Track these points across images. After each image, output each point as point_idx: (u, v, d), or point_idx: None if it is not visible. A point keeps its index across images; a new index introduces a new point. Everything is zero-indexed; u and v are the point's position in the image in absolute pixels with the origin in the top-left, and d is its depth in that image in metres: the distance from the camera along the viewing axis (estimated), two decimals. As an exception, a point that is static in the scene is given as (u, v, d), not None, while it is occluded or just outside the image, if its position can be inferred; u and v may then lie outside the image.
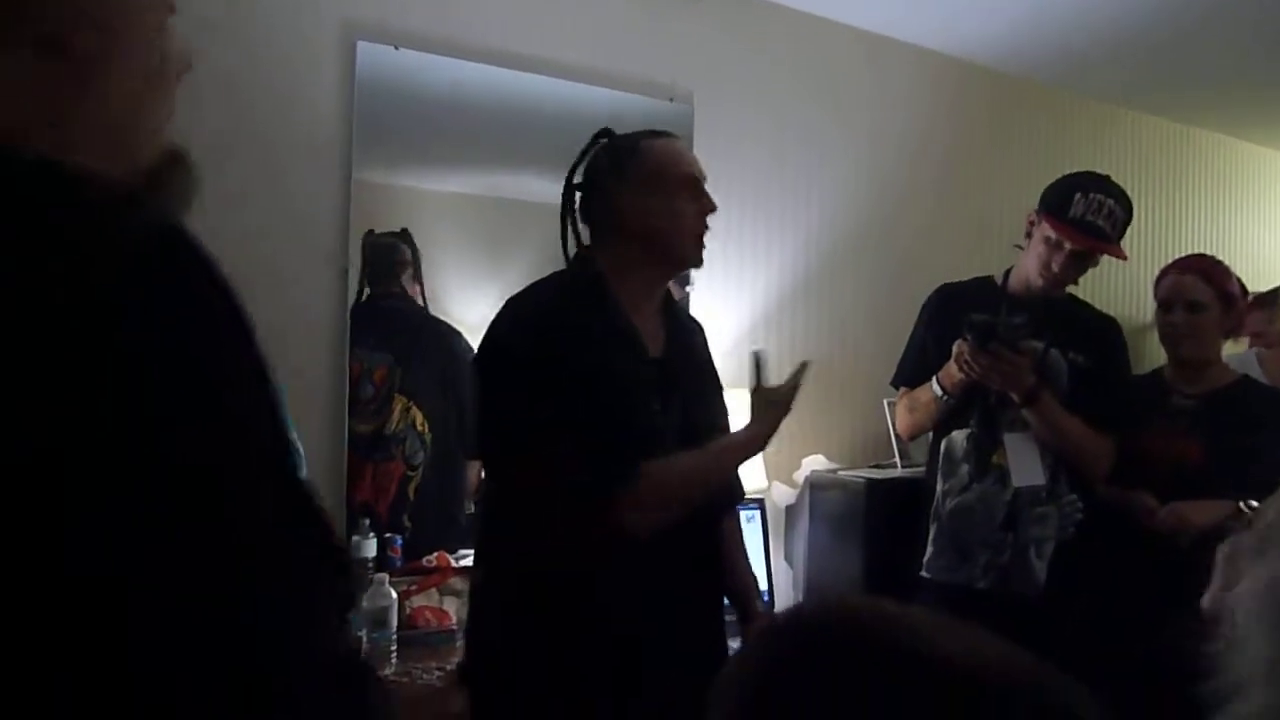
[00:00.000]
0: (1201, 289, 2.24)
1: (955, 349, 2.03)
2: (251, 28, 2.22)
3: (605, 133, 1.58)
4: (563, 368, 1.40)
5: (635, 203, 1.50)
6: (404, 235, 2.41)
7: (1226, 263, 2.33)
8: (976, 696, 0.50)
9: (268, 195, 2.24)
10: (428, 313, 2.44)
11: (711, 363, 1.72)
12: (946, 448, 2.21)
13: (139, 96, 0.74)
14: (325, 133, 2.31)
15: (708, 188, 1.57)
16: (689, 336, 1.66)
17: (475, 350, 1.55)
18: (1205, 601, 1.02)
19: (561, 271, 1.55)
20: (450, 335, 2.44)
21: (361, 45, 2.33)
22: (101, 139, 0.71)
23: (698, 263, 1.57)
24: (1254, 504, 1.02)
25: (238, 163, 2.20)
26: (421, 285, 2.43)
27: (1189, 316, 2.24)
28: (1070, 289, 2.22)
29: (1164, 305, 2.30)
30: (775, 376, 1.71)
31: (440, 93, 2.45)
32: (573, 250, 1.54)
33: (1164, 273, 2.34)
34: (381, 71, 2.36)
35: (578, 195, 1.56)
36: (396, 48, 2.38)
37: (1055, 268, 2.10)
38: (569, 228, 1.54)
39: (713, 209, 1.55)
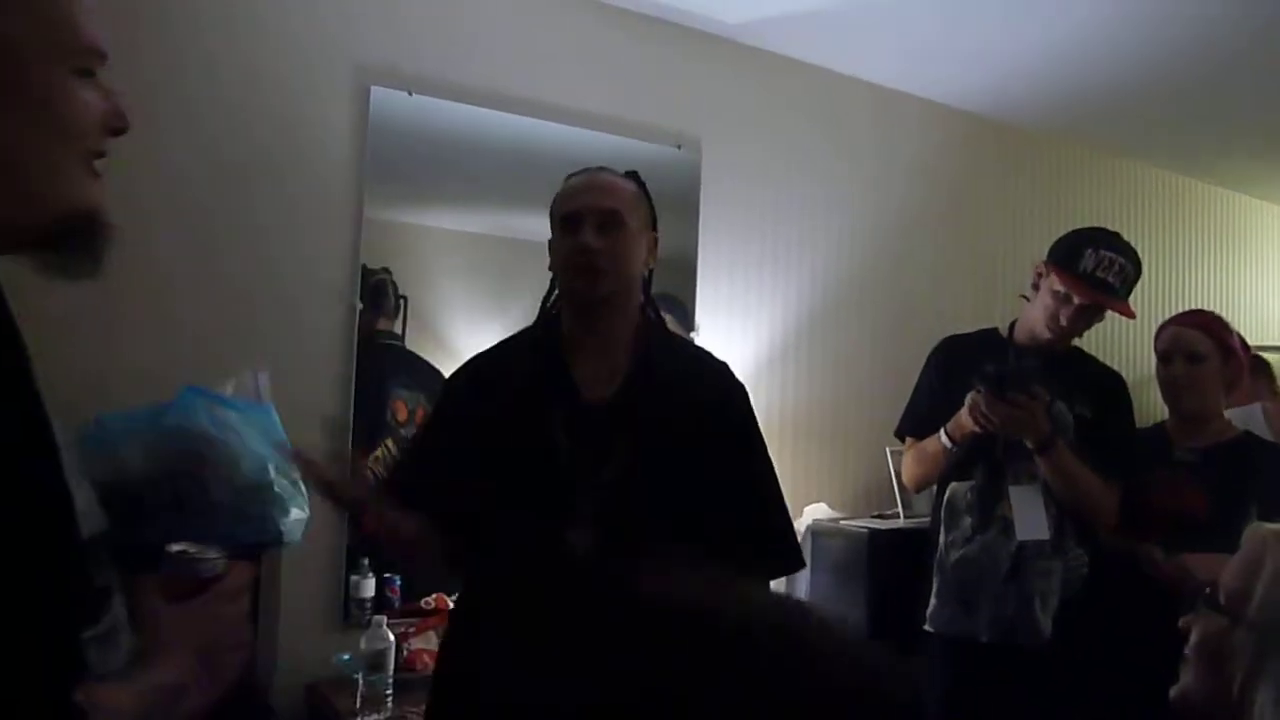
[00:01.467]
0: (1201, 340, 2.24)
1: (969, 400, 2.02)
2: (269, 73, 2.26)
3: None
4: (453, 408, 1.55)
5: (552, 240, 1.56)
6: (386, 272, 2.43)
7: (1226, 317, 2.34)
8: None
9: (281, 233, 2.27)
10: (411, 352, 2.47)
11: (712, 409, 1.55)
12: (949, 499, 2.20)
13: (28, 149, 0.72)
14: (338, 174, 2.35)
15: (711, 233, 1.58)
16: (670, 381, 1.52)
17: None
18: (1174, 693, 1.02)
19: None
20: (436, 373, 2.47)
21: (375, 90, 2.37)
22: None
23: (584, 297, 1.50)
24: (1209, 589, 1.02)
25: (253, 201, 2.23)
26: (405, 323, 2.45)
27: (1189, 368, 2.24)
28: (1075, 342, 2.23)
29: (1164, 357, 2.29)
30: (778, 420, 1.67)
31: (451, 136, 2.48)
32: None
33: (1164, 326, 2.34)
34: (394, 115, 2.40)
35: None
36: (410, 93, 2.42)
37: (1063, 321, 2.11)
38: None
39: (582, 244, 1.46)
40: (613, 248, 1.47)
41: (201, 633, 0.84)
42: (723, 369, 1.63)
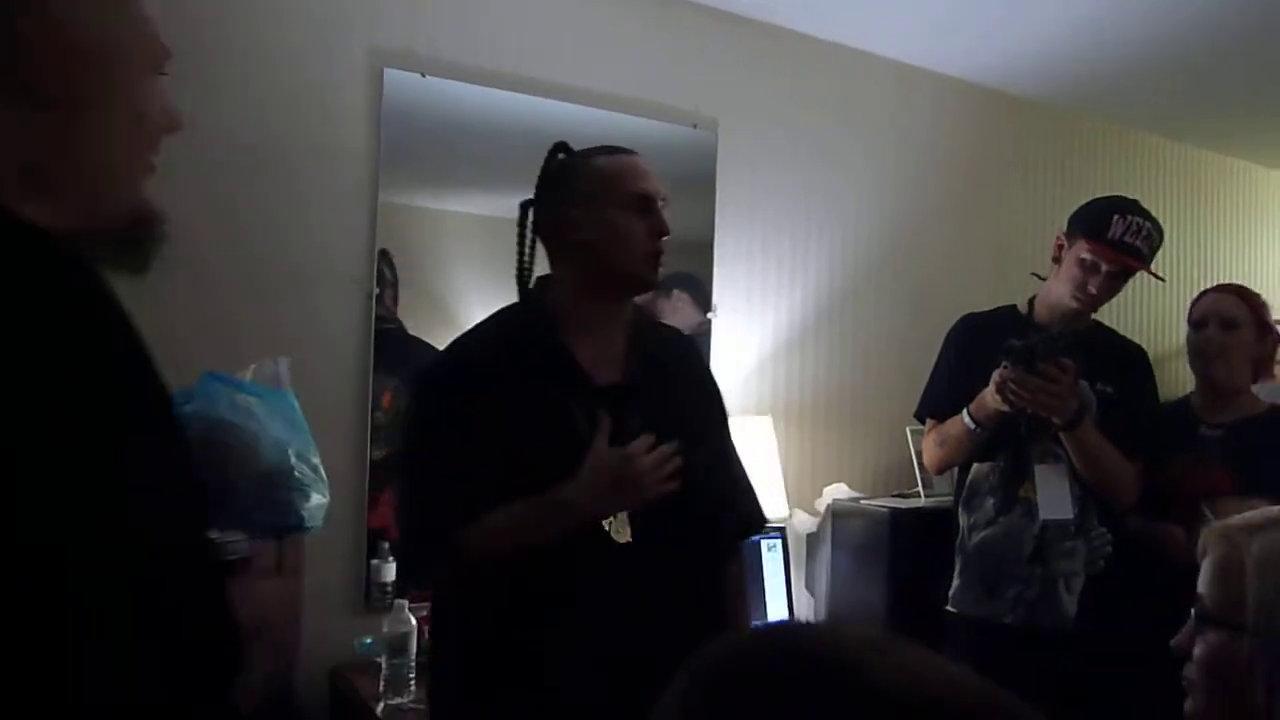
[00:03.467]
0: (1237, 306, 2.23)
1: (997, 376, 1.99)
2: (282, 57, 2.26)
3: (561, 146, 1.51)
4: (457, 412, 1.38)
5: (582, 214, 1.44)
6: (384, 256, 2.39)
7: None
8: None
9: (296, 217, 2.27)
10: (408, 333, 2.42)
11: (700, 386, 1.60)
12: (970, 481, 2.18)
13: (115, 149, 0.73)
14: (352, 158, 2.34)
15: (729, 214, 1.55)
16: (665, 360, 1.54)
17: None
18: (1188, 708, 0.98)
19: (514, 302, 1.50)
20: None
21: (389, 73, 2.36)
22: (74, 188, 0.71)
23: (649, 283, 1.48)
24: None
25: (267, 186, 2.23)
26: (397, 305, 2.40)
27: (1221, 334, 2.22)
28: (1095, 316, 2.20)
29: (1197, 324, 2.28)
30: (798, 401, 1.67)
31: (465, 119, 2.47)
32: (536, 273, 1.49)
33: (1201, 294, 2.33)
34: (408, 98, 2.38)
35: (530, 212, 1.50)
36: (423, 75, 2.41)
37: (1092, 289, 2.09)
38: (524, 248, 1.48)
39: (663, 230, 1.46)
40: None
41: (248, 615, 0.85)
42: (689, 338, 1.67)
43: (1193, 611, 0.98)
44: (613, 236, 1.43)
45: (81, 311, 0.63)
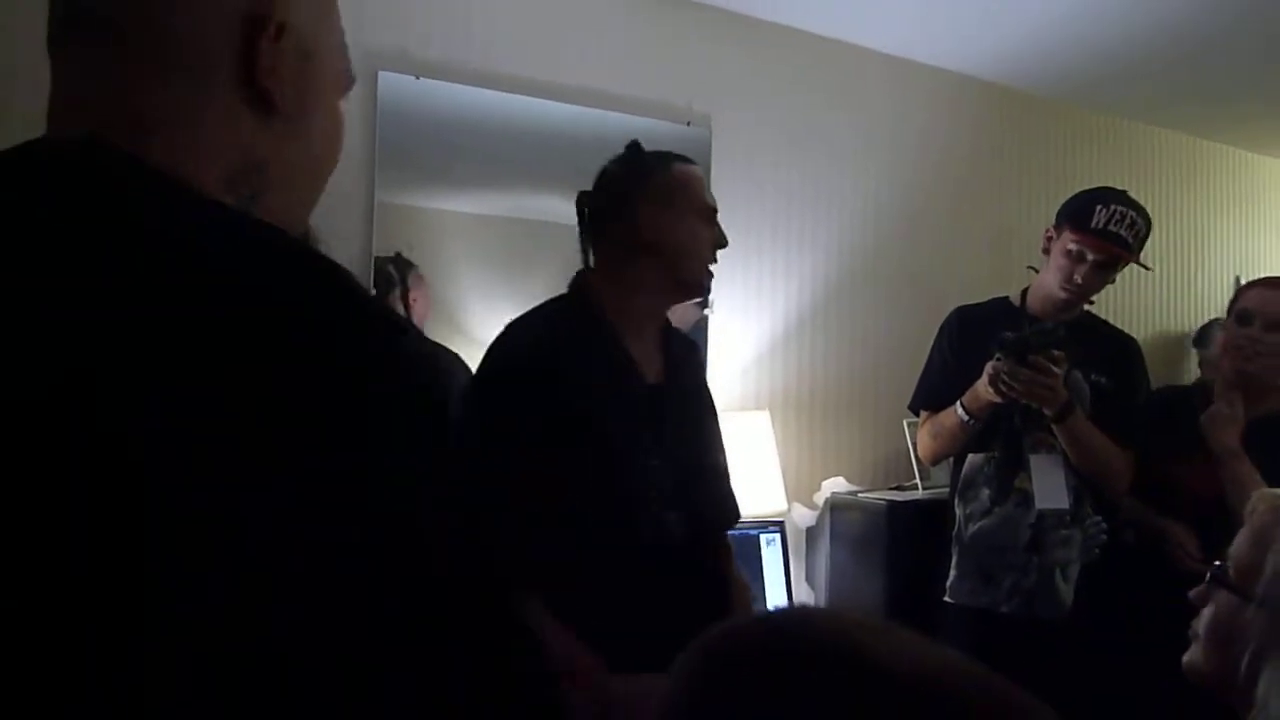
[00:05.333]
0: None
1: (989, 369, 2.00)
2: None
3: (635, 145, 1.55)
4: (547, 417, 1.36)
5: (657, 216, 1.47)
6: (397, 259, 2.39)
7: (1246, 278, 2.24)
8: (927, 712, 0.47)
9: (291, 223, 2.28)
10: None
11: (705, 385, 1.69)
12: (966, 472, 2.20)
13: (332, 135, 0.75)
14: (348, 160, 2.33)
15: (724, 211, 1.58)
16: (686, 359, 1.61)
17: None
18: (1185, 661, 1.01)
19: (559, 297, 1.52)
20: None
21: (383, 75, 2.37)
22: (300, 181, 0.73)
23: (706, 291, 1.56)
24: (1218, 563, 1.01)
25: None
26: (408, 309, 2.40)
27: (1266, 335, 2.09)
28: (1087, 307, 2.22)
29: (1241, 317, 2.13)
30: (795, 395, 1.69)
31: (460, 120, 2.48)
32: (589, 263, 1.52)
33: (1250, 285, 2.22)
34: (403, 99, 2.39)
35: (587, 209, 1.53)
36: (417, 77, 2.41)
37: (1079, 279, 2.10)
38: (587, 241, 1.52)
39: (724, 243, 1.54)
40: None
41: None
42: (695, 342, 1.77)
43: (1215, 567, 1.00)
44: (688, 243, 1.49)
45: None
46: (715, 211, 1.54)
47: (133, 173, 0.59)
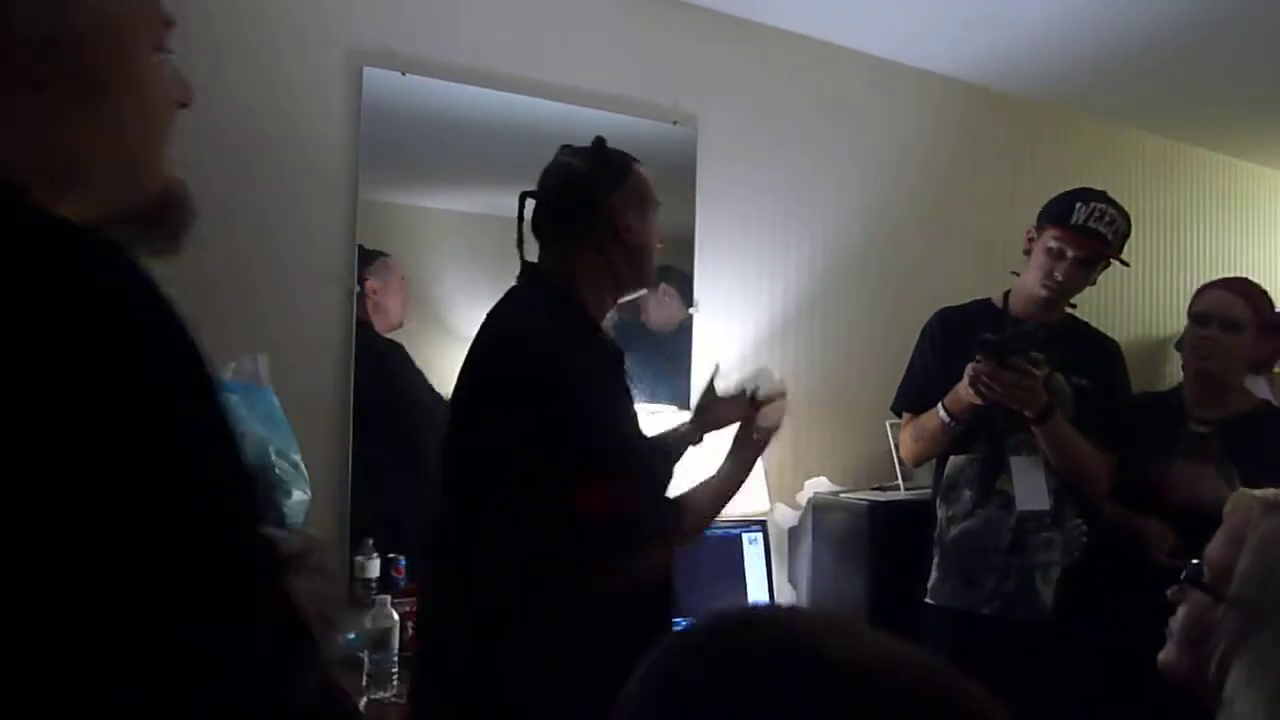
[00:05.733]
0: (1241, 309, 2.17)
1: (970, 371, 2.01)
2: (261, 55, 2.25)
3: (601, 141, 1.55)
4: (600, 395, 1.44)
5: (631, 218, 1.50)
6: (360, 250, 2.36)
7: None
8: (884, 705, 0.47)
9: (276, 217, 2.26)
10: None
11: None
12: (948, 473, 2.20)
13: (144, 129, 0.73)
14: (332, 156, 2.33)
15: (708, 211, 1.61)
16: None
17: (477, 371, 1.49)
18: (1159, 659, 1.02)
19: (535, 289, 1.51)
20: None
21: (368, 71, 2.36)
22: (111, 170, 0.71)
23: (656, 286, 1.66)
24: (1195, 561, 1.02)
25: (246, 185, 2.22)
26: (364, 298, 2.36)
27: (1222, 335, 2.17)
28: (1069, 309, 2.22)
29: (1199, 319, 2.22)
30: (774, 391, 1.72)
31: (446, 117, 2.47)
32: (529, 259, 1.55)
33: (1206, 287, 2.27)
34: (388, 96, 2.38)
35: (530, 202, 1.54)
36: (403, 73, 2.40)
37: (1059, 275, 2.11)
38: (523, 236, 1.55)
39: (661, 239, 1.60)
40: None
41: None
42: None
43: (1190, 566, 1.01)
44: (652, 243, 1.54)
45: (131, 309, 0.63)
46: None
47: None
